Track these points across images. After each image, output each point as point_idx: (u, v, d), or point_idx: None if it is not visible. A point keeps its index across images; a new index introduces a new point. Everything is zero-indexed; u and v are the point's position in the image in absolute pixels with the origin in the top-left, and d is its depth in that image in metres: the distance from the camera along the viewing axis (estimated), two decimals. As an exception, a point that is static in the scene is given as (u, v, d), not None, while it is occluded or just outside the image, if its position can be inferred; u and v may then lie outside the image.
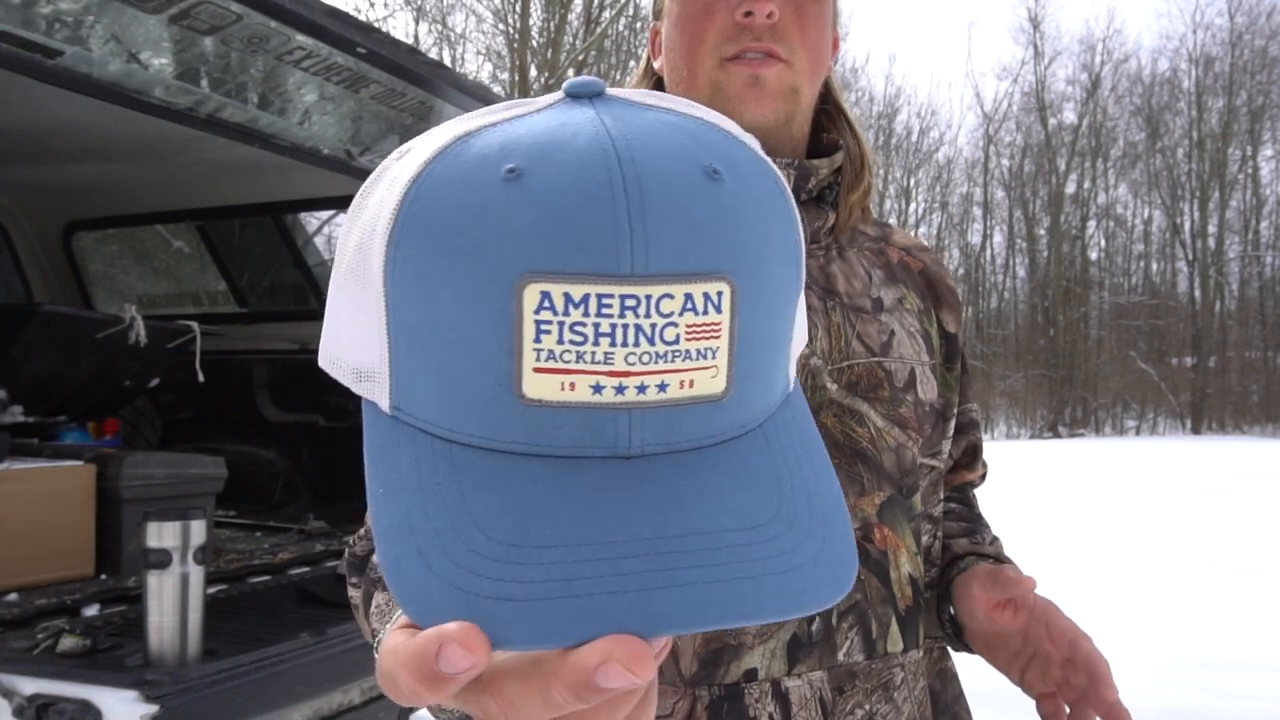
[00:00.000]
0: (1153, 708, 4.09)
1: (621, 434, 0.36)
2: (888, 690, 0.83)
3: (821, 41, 0.86)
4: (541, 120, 0.38)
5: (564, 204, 0.34)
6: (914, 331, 0.92)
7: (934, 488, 0.91)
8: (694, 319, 0.35)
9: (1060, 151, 34.36)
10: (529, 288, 0.34)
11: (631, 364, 0.34)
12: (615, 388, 0.35)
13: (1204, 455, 19.61)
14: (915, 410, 0.88)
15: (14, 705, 1.56)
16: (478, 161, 0.36)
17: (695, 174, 0.36)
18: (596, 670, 0.31)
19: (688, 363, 0.35)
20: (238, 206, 3.78)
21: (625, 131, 0.37)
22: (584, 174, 0.35)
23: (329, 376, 0.42)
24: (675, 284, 0.35)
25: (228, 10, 2.05)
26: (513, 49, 16.18)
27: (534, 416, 0.35)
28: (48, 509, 2.23)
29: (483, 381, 0.35)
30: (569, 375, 0.35)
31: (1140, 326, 34.15)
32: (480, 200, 0.35)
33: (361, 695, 2.41)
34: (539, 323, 0.34)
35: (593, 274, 0.34)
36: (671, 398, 0.36)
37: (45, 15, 2.05)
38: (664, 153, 0.36)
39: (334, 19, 2.15)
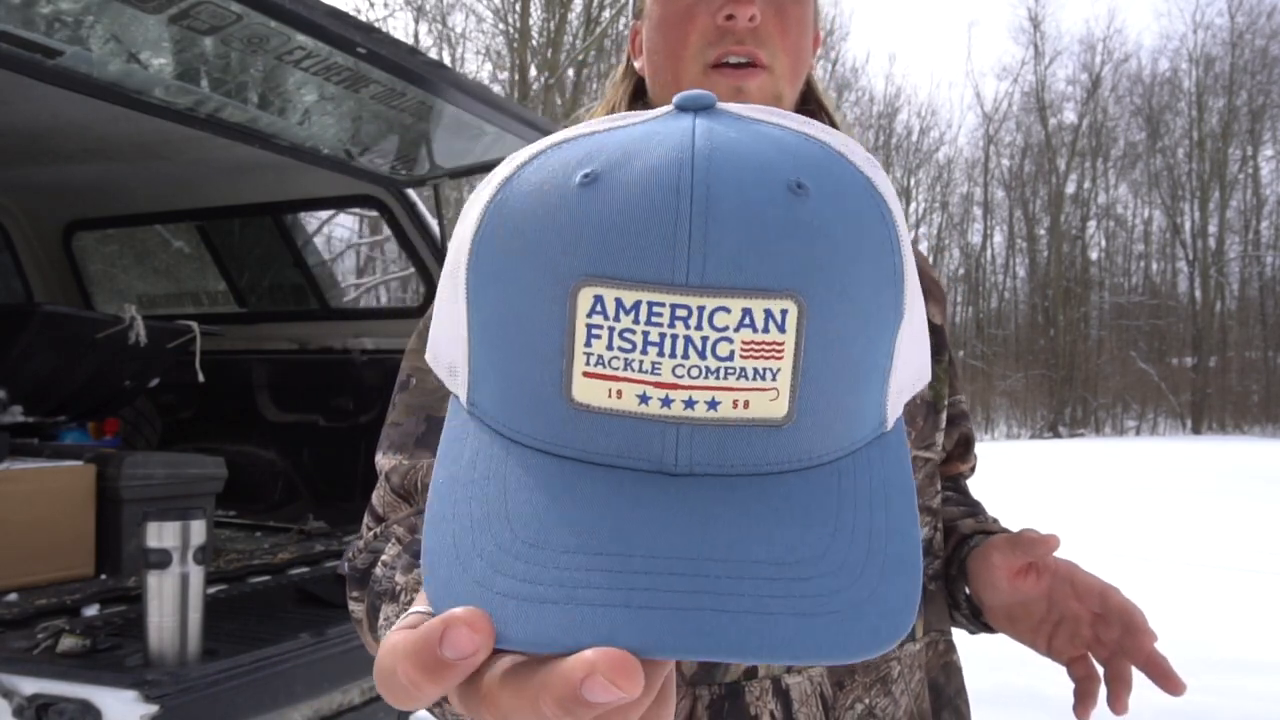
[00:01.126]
0: (1153, 707, 4.08)
1: (669, 449, 0.35)
2: (886, 684, 0.84)
3: (802, 43, 0.86)
4: (640, 130, 0.38)
5: (628, 209, 0.34)
6: None
7: (930, 480, 0.91)
8: (751, 335, 0.34)
9: (1060, 151, 34.36)
10: (583, 291, 0.34)
11: (679, 376, 0.34)
12: (661, 399, 0.34)
13: (1204, 455, 19.60)
14: (908, 405, 0.88)
15: (14, 705, 1.56)
16: (560, 166, 0.37)
17: (776, 187, 0.35)
18: (582, 683, 0.29)
19: (743, 381, 0.34)
20: (238, 206, 3.78)
21: (713, 142, 0.36)
22: (653, 180, 0.34)
23: (329, 376, 0.41)
24: (733, 298, 0.33)
25: (228, 10, 2.05)
26: (513, 49, 16.18)
27: (582, 421, 0.35)
28: (48, 509, 2.23)
29: (539, 382, 0.36)
30: (616, 382, 0.34)
31: (1140, 326, 34.14)
32: (553, 204, 0.36)
33: (361, 695, 2.41)
34: (590, 327, 0.34)
35: (647, 281, 0.33)
36: (724, 417, 0.34)
37: (45, 15, 2.05)
38: (746, 164, 0.35)
39: (334, 19, 2.15)
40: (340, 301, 4.31)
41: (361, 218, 17.33)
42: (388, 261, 21.92)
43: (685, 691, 0.78)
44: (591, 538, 0.33)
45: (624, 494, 0.34)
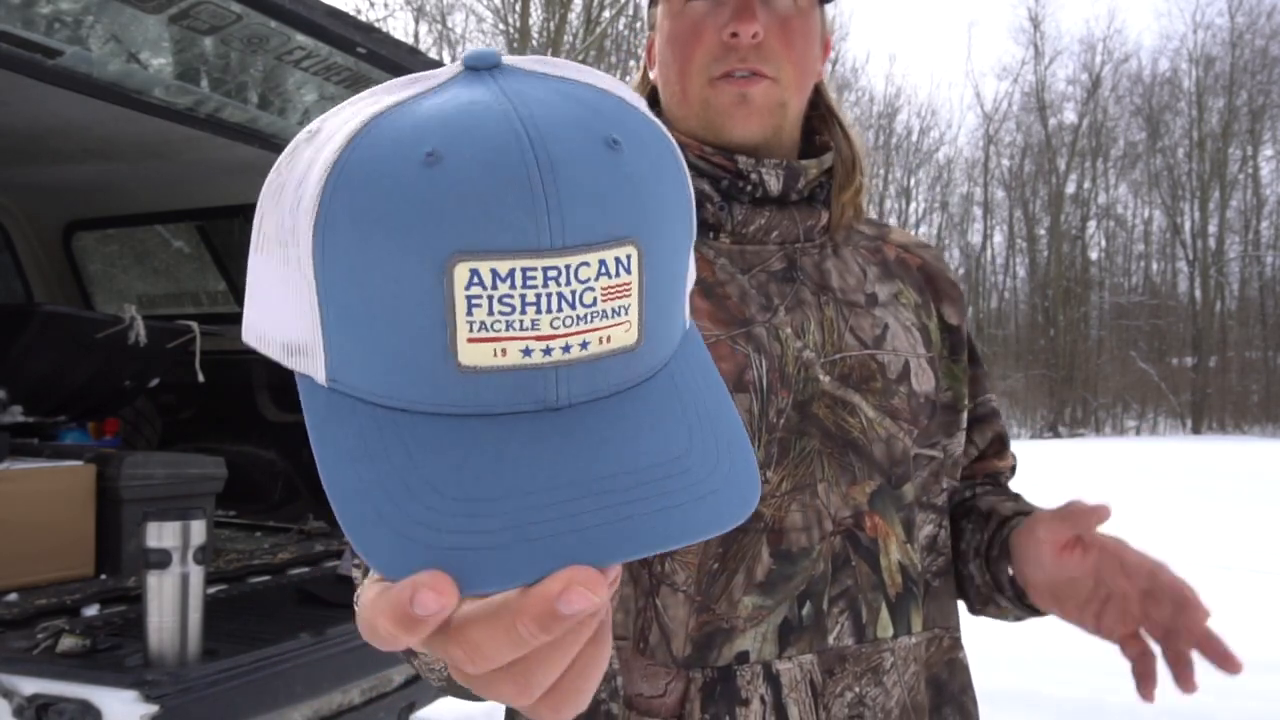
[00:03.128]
0: (1153, 707, 4.08)
1: (550, 389, 0.39)
2: (877, 674, 0.85)
3: (808, 53, 0.88)
4: (449, 98, 0.39)
5: (483, 184, 0.37)
6: (909, 325, 0.93)
7: (934, 478, 0.92)
8: (608, 281, 0.38)
9: (1060, 151, 34.36)
10: (459, 266, 0.36)
11: (556, 328, 0.38)
12: (543, 350, 0.38)
13: (1204, 455, 19.61)
14: (909, 402, 0.89)
15: (14, 705, 1.56)
16: (393, 145, 0.38)
17: (598, 146, 0.39)
18: (559, 597, 0.33)
19: (605, 321, 0.39)
20: (238, 206, 3.78)
21: (530, 109, 0.39)
22: (498, 155, 0.37)
23: None
24: (590, 252, 0.38)
25: (228, 10, 2.05)
26: (513, 49, 16.19)
27: (470, 381, 0.38)
28: (48, 509, 2.23)
29: (420, 353, 0.38)
30: (500, 342, 0.37)
31: (1140, 326, 34.14)
32: (403, 185, 0.37)
33: (361, 695, 2.40)
34: (469, 298, 0.37)
35: (516, 250, 0.37)
36: (592, 353, 0.39)
37: (45, 15, 2.05)
38: (568, 128, 0.39)
39: (334, 19, 2.15)
40: (340, 301, 4.30)
41: (361, 218, 17.35)
42: (388, 261, 21.93)
43: (679, 674, 0.80)
44: (513, 481, 0.37)
45: (520, 436, 0.38)
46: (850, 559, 0.85)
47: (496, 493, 0.37)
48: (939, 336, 0.96)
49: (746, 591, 0.81)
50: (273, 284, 0.42)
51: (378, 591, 0.36)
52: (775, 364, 0.86)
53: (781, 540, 0.82)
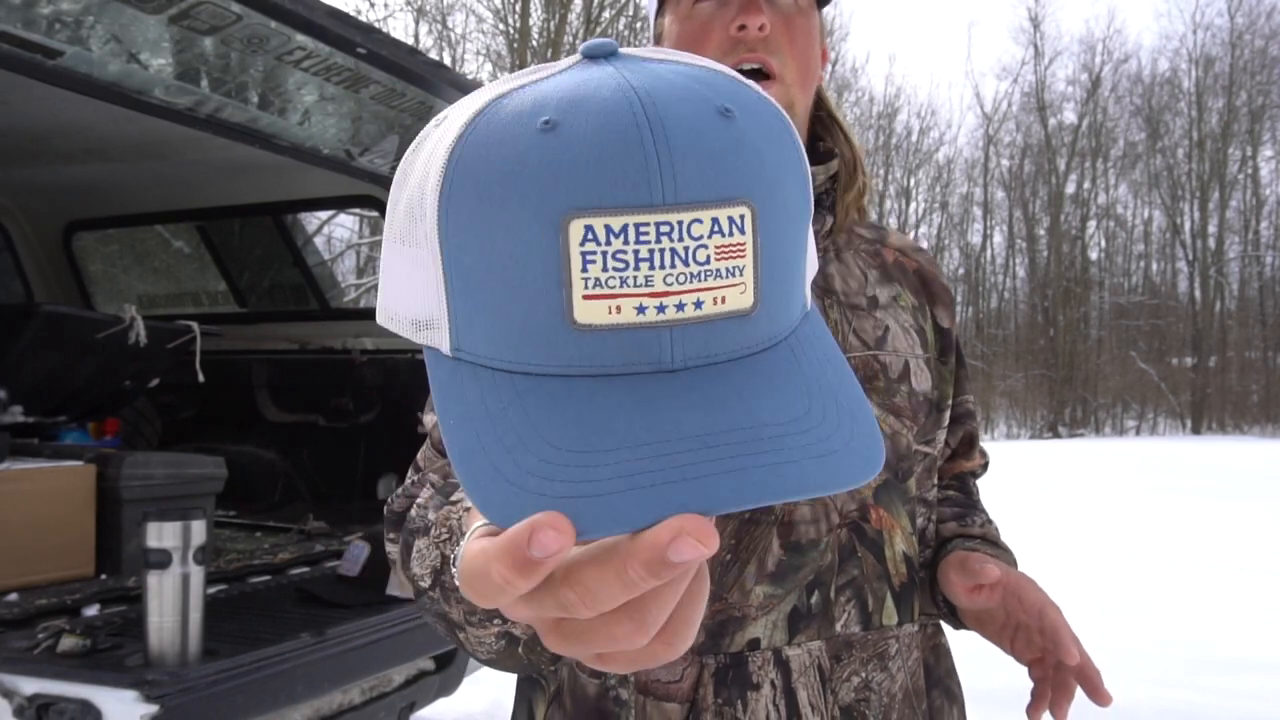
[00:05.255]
0: (1153, 707, 4.08)
1: (664, 350, 0.39)
2: (883, 660, 0.89)
3: (810, 52, 0.92)
4: (566, 78, 0.42)
5: (597, 145, 0.38)
6: (908, 327, 0.97)
7: (928, 473, 0.96)
8: (721, 240, 0.39)
9: (1060, 151, 34.35)
10: (573, 223, 0.38)
11: (670, 284, 0.38)
12: (657, 307, 0.38)
13: (1204, 455, 19.60)
14: (910, 400, 0.94)
15: (14, 705, 1.56)
16: (514, 118, 0.40)
17: (710, 113, 0.40)
18: (669, 545, 0.34)
19: (719, 280, 0.39)
20: (238, 206, 3.78)
21: (644, 81, 0.41)
22: (612, 119, 0.39)
23: (329, 376, 0.43)
24: (702, 209, 0.38)
25: (228, 10, 2.05)
26: (513, 49, 16.18)
27: (586, 340, 0.39)
28: (48, 509, 2.23)
29: (538, 313, 0.39)
30: (615, 299, 0.38)
31: (1140, 326, 34.13)
32: (521, 150, 0.39)
33: (361, 695, 2.40)
34: (584, 254, 0.38)
35: (629, 206, 0.38)
36: (707, 314, 0.39)
37: (46, 15, 2.05)
38: (681, 97, 0.40)
39: (334, 19, 2.15)
40: (340, 301, 4.31)
41: (361, 218, 17.32)
42: (388, 261, 21.90)
43: (693, 660, 0.83)
44: (626, 434, 0.38)
45: (636, 394, 0.39)
46: (856, 550, 0.88)
47: (609, 444, 0.38)
48: (933, 338, 1.00)
49: (758, 581, 0.84)
50: (402, 264, 0.44)
51: (487, 542, 0.37)
52: None
53: (791, 533, 0.85)
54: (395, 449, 3.49)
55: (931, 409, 0.96)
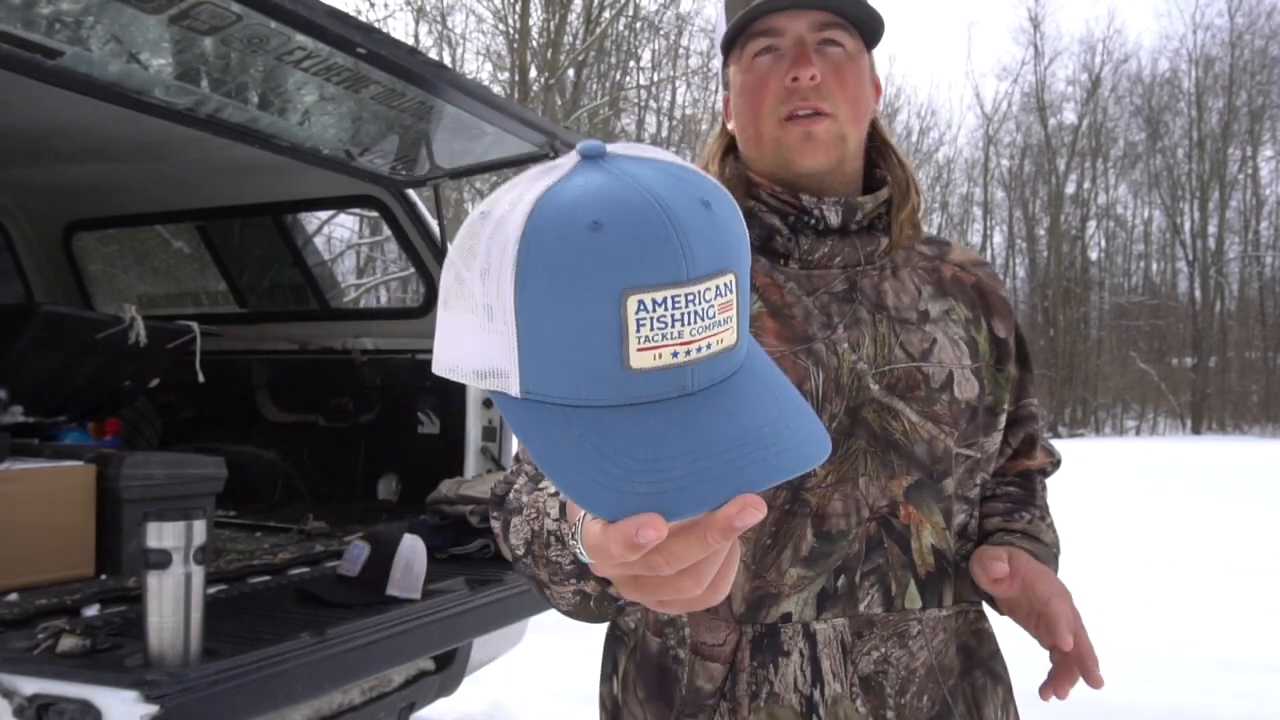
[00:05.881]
0: (1152, 707, 4.08)
1: (688, 380, 0.54)
2: (903, 639, 0.99)
3: (860, 92, 1.04)
4: (585, 181, 0.55)
5: (639, 240, 0.52)
6: (957, 339, 1.06)
7: (969, 474, 1.05)
8: (721, 299, 0.54)
9: (1060, 152, 34.34)
10: (630, 298, 0.52)
11: (693, 335, 0.53)
12: (685, 351, 0.53)
13: (1204, 455, 19.60)
14: (950, 408, 1.02)
15: (14, 705, 1.56)
16: (565, 218, 0.53)
17: (697, 206, 0.55)
18: (738, 515, 0.49)
19: (720, 328, 0.54)
20: (238, 206, 3.78)
21: (649, 185, 0.54)
22: (644, 219, 0.53)
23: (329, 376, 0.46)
24: (710, 280, 0.53)
25: (228, 10, 2.05)
26: (512, 49, 16.17)
27: (637, 379, 0.53)
28: (48, 509, 2.22)
29: (600, 363, 0.53)
30: (658, 349, 0.53)
31: (1140, 326, 34.13)
32: (580, 247, 0.52)
33: (361, 695, 2.40)
34: (638, 320, 0.52)
35: (668, 283, 0.52)
36: (713, 352, 0.55)
37: (46, 16, 2.05)
38: (677, 195, 0.54)
39: (334, 19, 2.14)
40: (340, 301, 4.31)
41: (361, 218, 17.32)
42: (388, 261, 21.90)
43: (735, 628, 0.98)
44: (680, 445, 0.53)
45: (674, 414, 0.54)
46: (883, 541, 0.99)
47: (672, 453, 0.52)
48: (988, 347, 1.08)
49: (793, 564, 0.98)
50: (467, 328, 0.57)
51: (601, 527, 0.52)
52: (831, 375, 1.01)
53: (823, 524, 0.98)
54: (395, 449, 3.49)
55: (976, 415, 1.04)
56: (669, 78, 24.41)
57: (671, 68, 24.08)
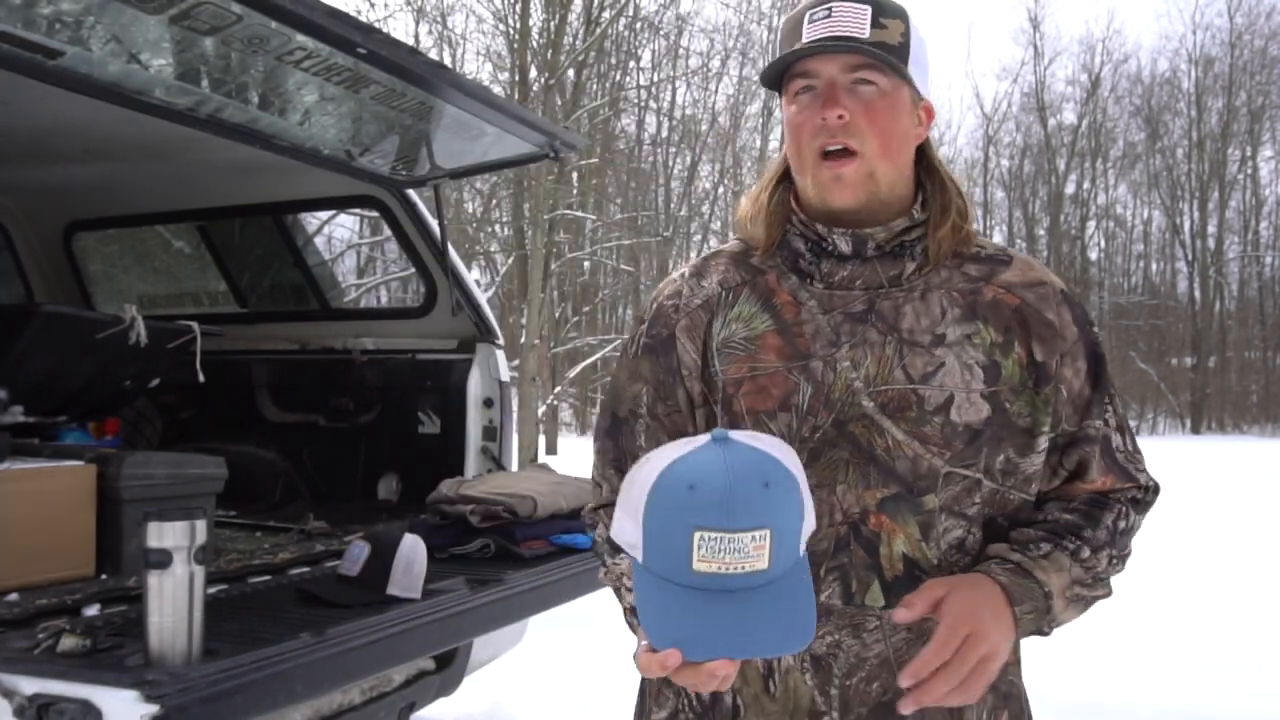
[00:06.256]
0: (1152, 707, 4.09)
1: (726, 584, 0.89)
2: (857, 630, 1.10)
3: (892, 126, 1.10)
4: (704, 458, 0.90)
5: (712, 501, 0.88)
6: (971, 363, 1.10)
7: (967, 493, 1.10)
8: (755, 543, 0.88)
9: (1060, 152, 34.34)
10: (698, 533, 0.88)
11: (731, 560, 0.88)
12: (727, 568, 0.88)
13: (1204, 455, 19.60)
14: (943, 429, 1.09)
15: (14, 705, 1.56)
16: (676, 479, 0.90)
17: (758, 486, 0.89)
18: (715, 673, 0.92)
19: (752, 559, 0.89)
20: (238, 207, 3.78)
21: (736, 466, 0.89)
22: (718, 488, 0.88)
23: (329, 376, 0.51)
24: (748, 531, 0.88)
25: (228, 11, 2.05)
26: (513, 50, 16.16)
27: (697, 577, 0.89)
28: (48, 509, 2.22)
29: (680, 562, 0.89)
30: (710, 563, 0.89)
31: (1140, 326, 34.14)
32: (680, 499, 0.89)
33: (361, 695, 2.40)
34: (698, 544, 0.88)
35: (721, 528, 0.88)
36: (746, 570, 0.89)
37: (46, 16, 2.05)
38: (748, 477, 0.89)
39: (334, 20, 2.14)
40: (340, 301, 4.31)
41: (362, 218, 17.31)
42: (388, 261, 21.90)
43: None
44: (719, 622, 0.90)
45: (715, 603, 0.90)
46: (850, 544, 1.10)
47: (716, 624, 0.90)
48: (1016, 371, 1.11)
49: None
50: (625, 518, 0.95)
51: (646, 646, 0.93)
52: (822, 390, 1.11)
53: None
54: (395, 449, 3.49)
55: (978, 437, 1.09)
56: (669, 78, 24.42)
57: (671, 68, 24.08)
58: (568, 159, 14.28)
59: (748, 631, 0.89)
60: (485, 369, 3.40)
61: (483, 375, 3.39)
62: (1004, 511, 1.12)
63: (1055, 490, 1.17)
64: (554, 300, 19.31)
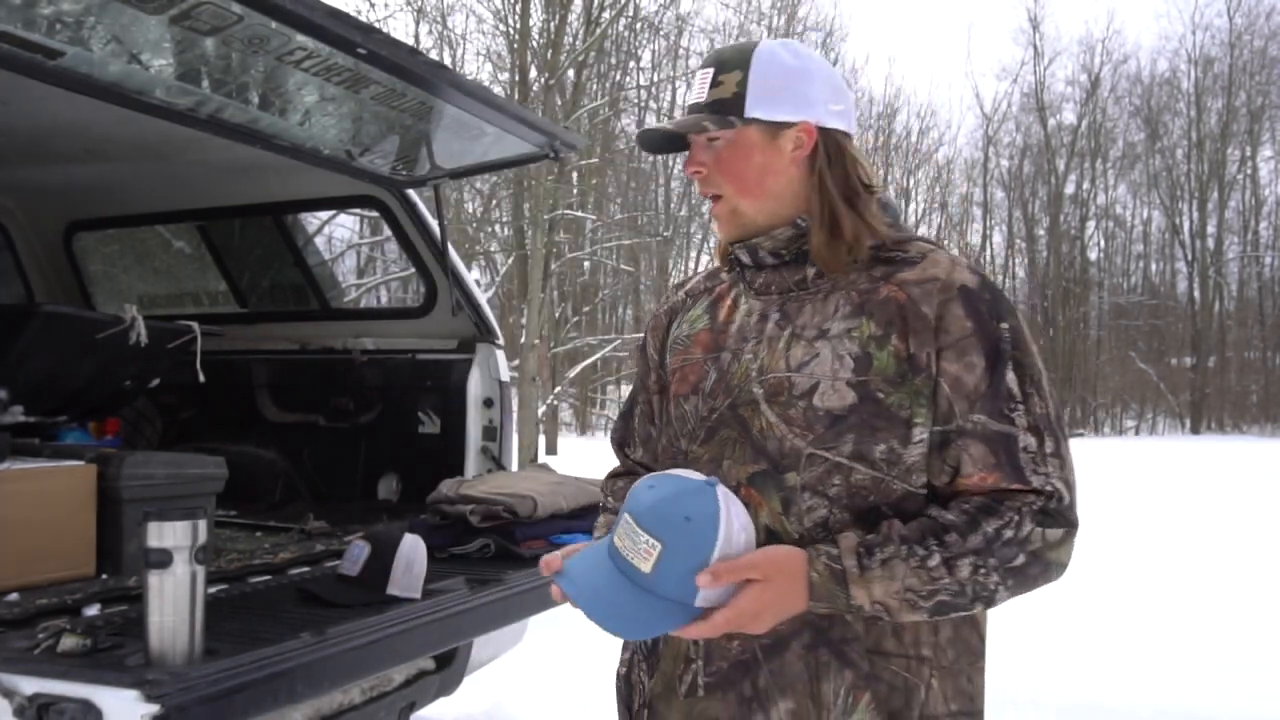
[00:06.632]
0: (1152, 707, 4.09)
1: (618, 563, 1.15)
2: None
3: (743, 168, 1.24)
4: (686, 482, 1.15)
5: (648, 501, 1.14)
6: (844, 354, 1.19)
7: (829, 474, 1.17)
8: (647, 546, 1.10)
9: (1060, 152, 34.34)
10: (627, 514, 1.14)
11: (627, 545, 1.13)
12: (624, 550, 1.14)
13: (1204, 455, 19.60)
14: (805, 413, 1.18)
15: (15, 705, 1.56)
16: (657, 482, 1.17)
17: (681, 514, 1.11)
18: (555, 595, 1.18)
19: (641, 557, 1.10)
20: (238, 207, 3.78)
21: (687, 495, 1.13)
22: (659, 496, 1.14)
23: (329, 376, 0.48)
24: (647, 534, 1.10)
25: (228, 11, 2.05)
26: (512, 50, 16.16)
27: (614, 545, 1.14)
28: (48, 509, 2.22)
29: (617, 529, 1.17)
30: (620, 540, 1.14)
31: (1140, 326, 34.14)
32: (642, 491, 1.16)
33: (361, 695, 2.40)
34: (623, 523, 1.15)
35: (636, 521, 1.12)
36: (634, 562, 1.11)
37: (46, 16, 2.05)
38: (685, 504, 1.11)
39: (334, 20, 2.15)
40: (340, 301, 4.31)
41: (362, 218, 17.30)
42: (388, 261, 21.89)
43: None
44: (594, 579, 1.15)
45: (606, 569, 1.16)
46: None
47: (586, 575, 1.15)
48: (892, 363, 1.17)
49: None
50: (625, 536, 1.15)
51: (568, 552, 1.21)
52: (724, 378, 1.26)
53: None
54: (395, 449, 3.49)
55: (839, 422, 1.17)
56: (669, 78, 24.41)
57: (671, 68, 24.07)
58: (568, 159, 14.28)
59: (596, 598, 1.10)
60: (485, 369, 3.40)
61: (483, 375, 3.39)
62: (888, 500, 1.16)
63: (949, 486, 1.17)
64: (554, 300, 19.31)
